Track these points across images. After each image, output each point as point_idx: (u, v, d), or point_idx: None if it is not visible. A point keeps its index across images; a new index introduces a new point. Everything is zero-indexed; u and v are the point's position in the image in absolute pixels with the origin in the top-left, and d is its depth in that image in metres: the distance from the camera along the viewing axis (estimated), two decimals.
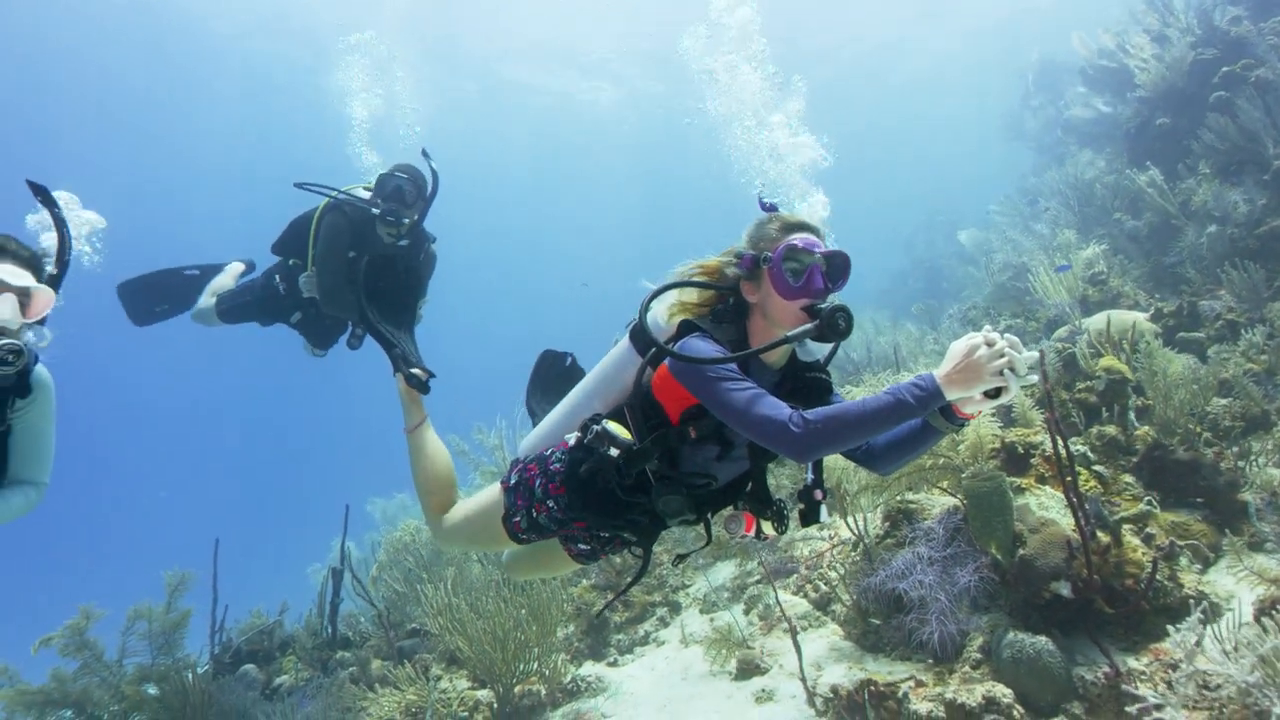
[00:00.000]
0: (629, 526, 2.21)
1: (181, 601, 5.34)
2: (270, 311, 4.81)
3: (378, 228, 4.29)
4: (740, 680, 4.39)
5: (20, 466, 2.55)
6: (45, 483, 2.61)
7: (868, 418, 1.65)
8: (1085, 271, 7.67)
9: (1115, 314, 6.16)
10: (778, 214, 2.08)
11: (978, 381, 1.61)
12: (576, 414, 2.27)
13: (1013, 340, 1.62)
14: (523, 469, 2.37)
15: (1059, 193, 11.27)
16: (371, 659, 5.57)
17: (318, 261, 4.39)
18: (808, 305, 1.91)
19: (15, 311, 2.24)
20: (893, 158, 35.77)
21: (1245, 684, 2.32)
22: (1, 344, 2.19)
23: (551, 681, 4.79)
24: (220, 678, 5.39)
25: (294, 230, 4.61)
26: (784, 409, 1.73)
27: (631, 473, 2.03)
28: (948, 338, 9.60)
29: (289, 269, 4.65)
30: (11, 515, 2.52)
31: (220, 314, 4.95)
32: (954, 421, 1.82)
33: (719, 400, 1.80)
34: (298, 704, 4.74)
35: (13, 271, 2.26)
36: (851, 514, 4.52)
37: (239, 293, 4.93)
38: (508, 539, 2.39)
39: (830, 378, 2.13)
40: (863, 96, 28.40)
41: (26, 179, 2.51)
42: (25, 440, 2.53)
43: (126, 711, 4.75)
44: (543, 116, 28.67)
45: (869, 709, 3.51)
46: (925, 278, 18.99)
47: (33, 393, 2.48)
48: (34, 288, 2.31)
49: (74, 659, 4.62)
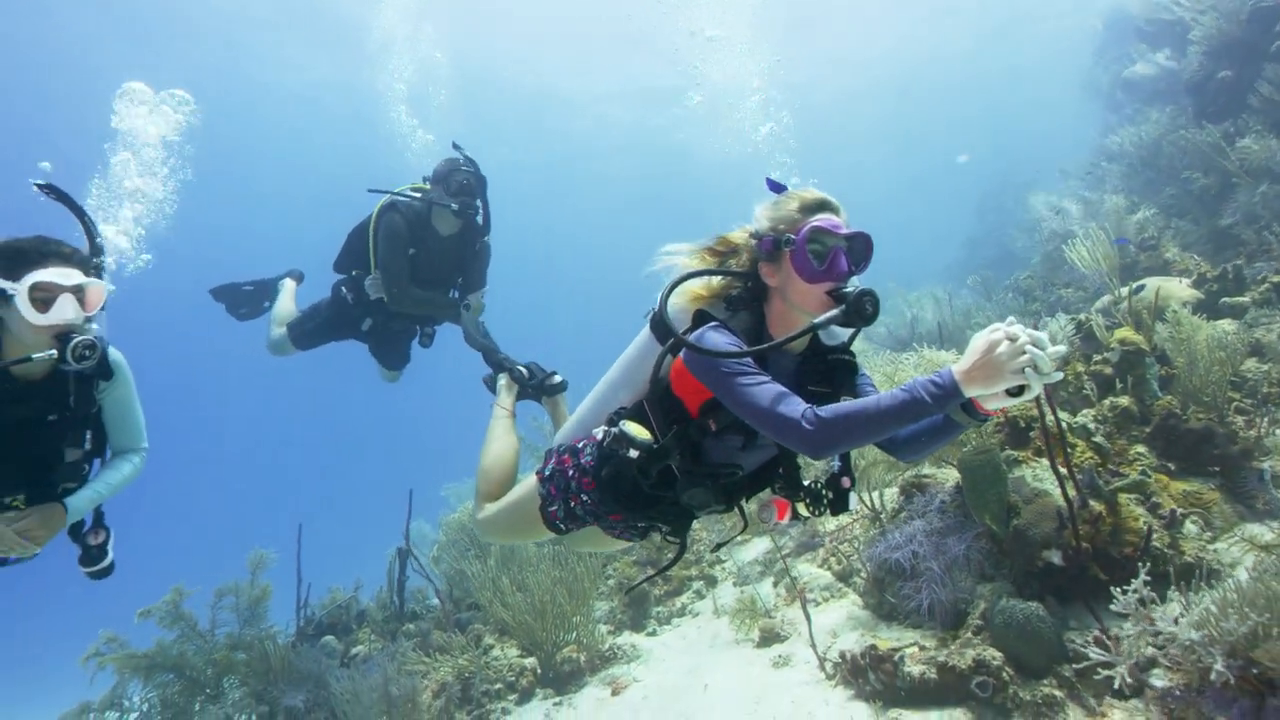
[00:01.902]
0: (661, 518, 2.21)
1: (263, 579, 5.94)
2: (342, 326, 4.99)
3: (433, 220, 4.46)
4: (762, 647, 4.64)
5: (120, 438, 2.87)
6: (145, 447, 2.95)
7: (882, 416, 1.59)
8: (1135, 237, 7.45)
9: (1157, 281, 6.03)
10: (795, 192, 1.98)
11: (998, 379, 1.52)
12: (605, 405, 2.27)
13: (1036, 336, 1.52)
14: (557, 459, 2.38)
15: (1125, 153, 10.84)
16: (433, 630, 6.07)
17: (381, 263, 4.55)
18: (832, 289, 1.84)
19: (77, 310, 2.44)
20: (966, 113, 34.27)
21: (1189, 641, 2.44)
22: (78, 341, 2.41)
23: (590, 649, 5.15)
24: (299, 647, 5.99)
25: (352, 242, 4.80)
26: (798, 406, 1.68)
27: (653, 471, 2.02)
28: (995, 312, 9.45)
29: (352, 279, 4.83)
30: (125, 481, 2.87)
31: (294, 341, 5.15)
32: (976, 417, 1.73)
33: (732, 395, 1.76)
34: (366, 669, 5.25)
35: (63, 273, 2.43)
36: (867, 489, 4.69)
37: (307, 317, 5.12)
38: (546, 529, 2.41)
39: (854, 358, 2.07)
40: (938, 51, 27.31)
41: (33, 181, 2.68)
42: (117, 415, 2.83)
43: (219, 675, 5.39)
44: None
45: (870, 672, 3.72)
46: (997, 245, 18.36)
47: (114, 374, 2.73)
48: (87, 284, 2.49)
49: (172, 629, 5.27)
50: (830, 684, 3.97)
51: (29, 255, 2.40)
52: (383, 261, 4.52)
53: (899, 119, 32.40)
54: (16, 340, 2.43)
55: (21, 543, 2.58)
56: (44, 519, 2.64)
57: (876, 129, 32.33)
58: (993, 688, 3.35)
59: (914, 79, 28.39)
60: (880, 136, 33.30)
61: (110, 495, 2.86)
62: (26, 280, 2.35)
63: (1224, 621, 2.41)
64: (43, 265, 2.38)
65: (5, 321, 2.43)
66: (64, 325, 2.41)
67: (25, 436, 2.59)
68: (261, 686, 5.39)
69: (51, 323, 2.38)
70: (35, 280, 2.35)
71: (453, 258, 4.69)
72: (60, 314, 2.38)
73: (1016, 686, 3.37)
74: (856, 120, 30.16)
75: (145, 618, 5.13)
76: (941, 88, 29.88)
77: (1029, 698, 3.32)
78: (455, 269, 4.76)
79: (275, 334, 5.26)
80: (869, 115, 30.33)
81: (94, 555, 2.93)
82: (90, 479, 2.83)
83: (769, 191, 2.05)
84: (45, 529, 2.65)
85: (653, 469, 2.00)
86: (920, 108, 31.41)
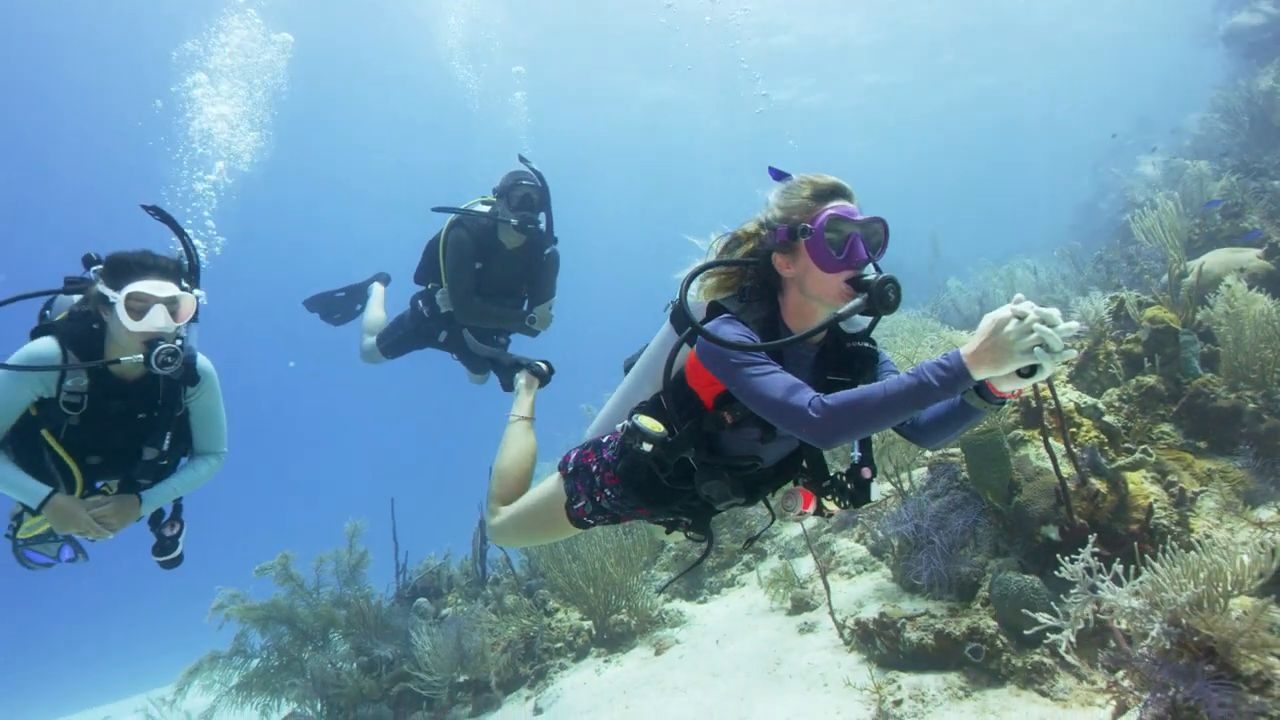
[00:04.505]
0: (684, 511, 2.19)
1: (362, 546, 6.70)
2: (423, 336, 5.16)
3: (499, 234, 4.58)
4: (792, 615, 4.94)
5: (202, 440, 3.10)
6: (224, 451, 3.17)
7: (889, 402, 1.54)
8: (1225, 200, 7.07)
9: (1224, 253, 5.80)
10: (805, 178, 1.91)
11: (1007, 360, 1.44)
12: (629, 399, 2.25)
13: (1045, 313, 1.44)
14: (580, 454, 2.36)
15: (1232, 109, 10.13)
16: (506, 594, 6.69)
17: (448, 277, 4.68)
18: (851, 277, 1.79)
19: (167, 319, 2.62)
20: (1085, 64, 31.81)
21: (1130, 609, 2.60)
22: (162, 349, 2.58)
23: (640, 614, 5.60)
24: (394, 606, 6.77)
25: (428, 255, 4.97)
26: (805, 395, 1.64)
27: (669, 464, 2.00)
28: (1074, 285, 9.13)
29: (428, 292, 5.01)
30: (200, 481, 3.09)
31: (383, 351, 5.41)
32: (991, 400, 1.67)
33: (742, 387, 1.73)
34: (444, 627, 5.91)
35: (159, 285, 2.61)
36: (894, 467, 4.88)
37: (394, 328, 5.34)
38: (570, 527, 2.38)
39: (875, 345, 2.01)
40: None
41: (141, 204, 2.85)
42: (202, 419, 3.04)
43: (324, 627, 6.20)
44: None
45: (876, 638, 3.97)
46: (1104, 213, 17.30)
47: (200, 381, 2.91)
48: (180, 296, 2.66)
49: (284, 587, 6.12)
50: (846, 649, 4.24)
51: (132, 267, 2.62)
52: (449, 276, 4.69)
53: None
54: (114, 342, 2.67)
55: (95, 527, 2.78)
56: (119, 508, 2.86)
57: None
58: (985, 654, 3.55)
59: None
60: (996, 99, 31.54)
61: (184, 492, 3.09)
62: (126, 289, 2.57)
63: (1163, 591, 2.55)
64: (142, 277, 2.61)
65: (108, 325, 2.66)
66: (154, 333, 2.61)
67: (117, 430, 2.84)
68: (360, 639, 6.18)
69: (143, 329, 2.59)
70: (132, 290, 2.57)
71: (519, 270, 4.77)
72: (151, 322, 2.59)
73: (1010, 654, 3.55)
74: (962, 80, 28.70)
75: (261, 574, 5.96)
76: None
77: (1021, 664, 3.51)
78: (522, 280, 4.85)
79: (366, 343, 5.54)
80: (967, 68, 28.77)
81: (167, 545, 3.16)
82: (170, 475, 3.05)
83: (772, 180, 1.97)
84: (119, 518, 2.85)
85: (669, 462, 1.99)
86: (1026, 60, 29.49)
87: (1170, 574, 2.59)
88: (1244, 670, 2.51)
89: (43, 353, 2.63)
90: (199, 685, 5.99)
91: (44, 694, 13.94)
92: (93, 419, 2.76)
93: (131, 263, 2.63)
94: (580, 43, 23.41)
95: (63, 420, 2.73)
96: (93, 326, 2.70)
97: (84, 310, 2.73)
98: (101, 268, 2.68)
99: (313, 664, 5.92)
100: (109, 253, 2.71)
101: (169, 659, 6.54)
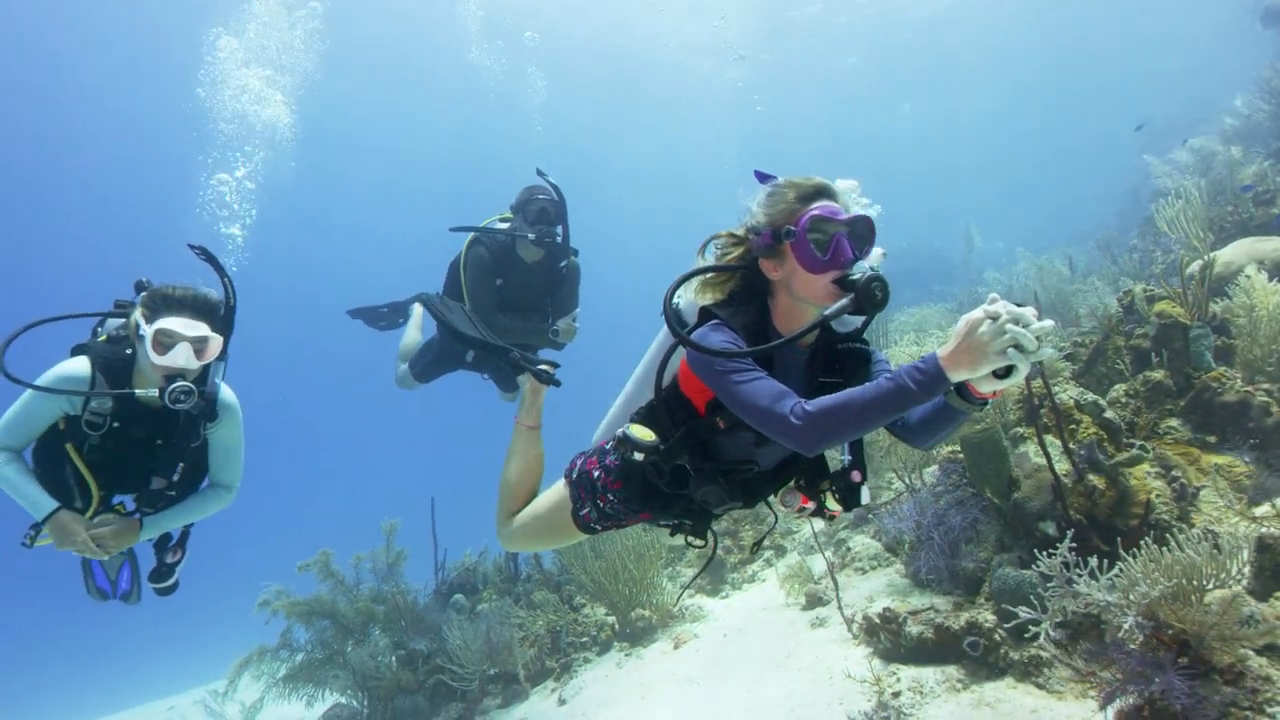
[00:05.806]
0: (686, 515, 2.21)
1: (400, 545, 6.98)
2: (452, 358, 5.24)
3: (518, 249, 4.62)
4: (806, 610, 5.06)
5: (216, 472, 3.10)
6: (236, 485, 3.16)
7: (869, 407, 1.55)
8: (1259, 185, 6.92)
9: (1246, 244, 5.71)
10: (789, 181, 1.92)
11: (982, 361, 1.46)
12: (631, 403, 2.28)
13: (1017, 313, 1.45)
14: (583, 461, 2.39)
15: (1275, 90, 9.83)
16: (536, 590, 6.93)
17: (469, 295, 4.71)
18: (838, 277, 1.80)
19: (190, 358, 2.66)
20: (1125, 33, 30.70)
21: (1104, 602, 2.68)
22: (176, 386, 2.64)
23: (660, 609, 5.78)
24: (430, 601, 7.07)
25: (450, 275, 5.01)
26: (788, 402, 1.65)
27: (665, 470, 2.01)
28: (1109, 276, 8.98)
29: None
30: (206, 512, 3.08)
31: (416, 376, 5.52)
32: (972, 401, 1.67)
33: (727, 393, 1.75)
34: (475, 622, 6.17)
35: (189, 324, 2.66)
36: (904, 467, 4.96)
37: (423, 353, 5.44)
38: (577, 532, 2.41)
39: (869, 345, 2.00)
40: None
41: (188, 244, 2.81)
42: (219, 452, 3.06)
43: (365, 621, 6.52)
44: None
45: (880, 632, 4.08)
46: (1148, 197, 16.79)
47: (220, 416, 2.95)
48: (209, 337, 2.71)
49: (325, 583, 6.45)
50: (854, 643, 4.36)
51: (170, 302, 2.70)
52: (470, 294, 4.74)
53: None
54: (140, 372, 2.76)
55: (91, 546, 2.77)
56: (118, 531, 2.86)
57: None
58: (983, 647, 3.64)
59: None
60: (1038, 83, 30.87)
61: (188, 520, 3.10)
62: (156, 324, 2.64)
63: (1137, 586, 2.63)
64: (178, 313, 2.68)
65: (137, 353, 2.76)
66: (175, 369, 2.67)
67: (134, 454, 2.89)
68: (398, 634, 6.48)
69: (165, 364, 2.66)
70: (161, 326, 2.64)
71: (541, 284, 4.83)
72: (174, 359, 2.66)
73: (1008, 647, 3.63)
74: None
75: (304, 570, 6.30)
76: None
77: (1019, 657, 3.58)
78: (544, 294, 4.90)
79: (400, 370, 5.64)
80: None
81: (163, 573, 3.13)
82: (179, 503, 3.05)
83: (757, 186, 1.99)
84: (116, 540, 2.84)
85: (664, 468, 2.00)
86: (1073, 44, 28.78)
87: (1145, 568, 2.66)
88: (1217, 662, 2.58)
89: (73, 373, 2.72)
90: (249, 677, 6.35)
91: (114, 686, 14.71)
92: (113, 441, 2.83)
93: (171, 298, 2.71)
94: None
95: (85, 438, 2.82)
96: (126, 352, 2.80)
97: (122, 335, 2.86)
98: (145, 295, 2.76)
99: (354, 657, 6.23)
100: (158, 284, 2.79)
101: (223, 652, 6.93)
